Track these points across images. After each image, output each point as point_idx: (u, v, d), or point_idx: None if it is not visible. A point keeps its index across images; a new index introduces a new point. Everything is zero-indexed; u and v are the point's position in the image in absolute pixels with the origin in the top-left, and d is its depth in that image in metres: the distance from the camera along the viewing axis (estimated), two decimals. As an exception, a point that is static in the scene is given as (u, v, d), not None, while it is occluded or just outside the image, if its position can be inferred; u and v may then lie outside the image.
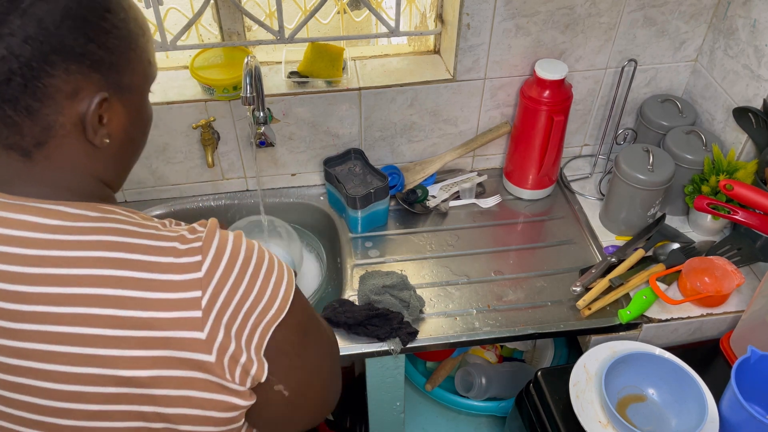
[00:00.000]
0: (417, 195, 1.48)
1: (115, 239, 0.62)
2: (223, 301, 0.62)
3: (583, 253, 1.41)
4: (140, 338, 0.60)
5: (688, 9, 1.39)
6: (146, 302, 0.60)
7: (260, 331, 0.65)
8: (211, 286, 0.62)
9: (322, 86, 1.40)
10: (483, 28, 1.35)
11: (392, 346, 1.20)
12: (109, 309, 0.60)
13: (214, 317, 0.62)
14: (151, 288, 0.61)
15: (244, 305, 0.64)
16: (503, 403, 1.56)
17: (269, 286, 0.66)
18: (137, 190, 1.50)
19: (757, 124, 1.30)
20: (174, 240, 0.64)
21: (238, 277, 0.64)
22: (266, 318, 0.66)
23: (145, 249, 0.62)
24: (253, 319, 0.65)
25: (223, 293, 0.63)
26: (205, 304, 0.61)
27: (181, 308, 0.61)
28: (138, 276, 0.61)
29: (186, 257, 0.62)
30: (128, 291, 0.60)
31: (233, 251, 0.65)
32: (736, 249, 1.34)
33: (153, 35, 1.32)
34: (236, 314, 0.63)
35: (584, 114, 1.56)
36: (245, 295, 0.64)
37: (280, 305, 0.67)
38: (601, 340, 1.26)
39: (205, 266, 0.62)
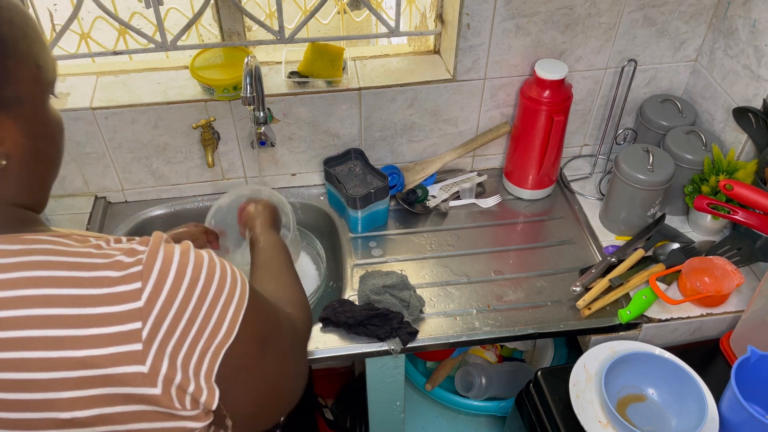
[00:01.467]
0: (417, 195, 1.48)
1: (41, 274, 0.57)
2: (166, 330, 0.58)
3: (583, 253, 1.41)
4: (78, 378, 0.56)
5: (688, 9, 1.39)
6: (80, 340, 0.55)
7: (209, 357, 0.61)
8: (152, 316, 0.57)
9: (322, 86, 1.40)
10: (483, 28, 1.35)
11: (392, 346, 1.20)
12: (39, 351, 0.55)
13: (157, 348, 0.57)
14: (85, 324, 0.56)
15: (190, 332, 0.59)
16: (503, 403, 1.56)
17: (217, 307, 0.62)
18: (137, 190, 1.50)
19: (756, 124, 1.30)
20: (109, 268, 0.58)
21: (182, 303, 0.59)
22: (215, 342, 0.61)
23: (76, 282, 0.57)
24: (200, 346, 0.60)
25: (166, 322, 0.58)
26: (146, 335, 0.57)
27: (119, 342, 0.56)
28: (68, 313, 0.56)
29: (123, 285, 0.57)
30: (58, 330, 0.55)
31: (178, 273, 0.59)
32: (736, 249, 1.34)
33: (154, 34, 1.33)
34: (181, 343, 0.59)
35: (584, 114, 1.56)
36: (191, 321, 0.60)
37: (228, 327, 0.63)
38: (601, 340, 1.26)
39: (146, 294, 0.57)
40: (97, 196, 1.50)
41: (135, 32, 1.29)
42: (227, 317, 0.63)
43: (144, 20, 1.40)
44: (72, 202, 1.48)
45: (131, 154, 1.43)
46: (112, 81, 1.42)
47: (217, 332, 0.62)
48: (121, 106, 1.35)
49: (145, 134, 1.40)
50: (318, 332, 1.24)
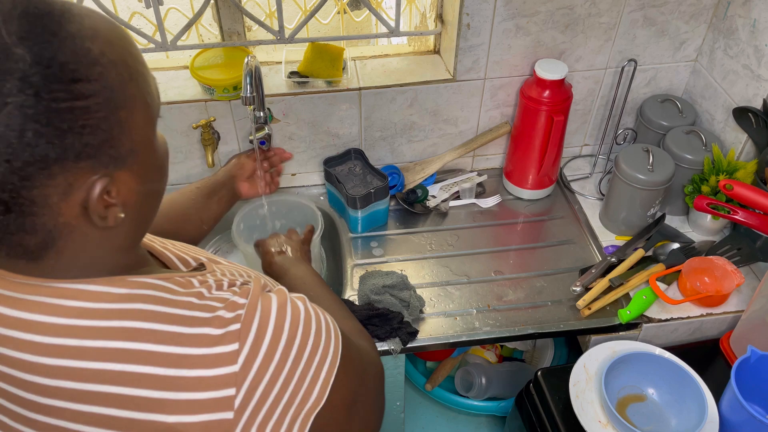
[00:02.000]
0: (417, 195, 1.48)
1: (142, 326, 0.53)
2: (259, 398, 0.55)
3: (583, 253, 1.41)
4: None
5: (688, 9, 1.39)
6: (172, 404, 0.53)
7: (299, 423, 0.58)
8: (246, 382, 0.54)
9: (322, 86, 1.40)
10: (483, 28, 1.35)
11: (392, 346, 1.20)
12: (129, 411, 0.52)
13: (248, 417, 0.55)
14: (179, 387, 0.53)
15: (283, 398, 0.57)
16: (503, 403, 1.56)
17: (311, 367, 0.59)
18: (137, 190, 1.50)
19: (756, 124, 1.30)
20: (209, 324, 0.55)
21: (278, 366, 0.56)
22: (306, 407, 0.59)
23: (176, 339, 0.54)
24: (291, 413, 0.58)
25: (260, 389, 0.55)
26: (239, 403, 0.54)
27: (211, 410, 0.53)
28: (164, 374, 0.53)
29: (221, 346, 0.54)
30: (151, 391, 0.52)
31: (275, 332, 0.57)
32: (735, 249, 1.34)
33: (154, 34, 1.33)
34: (273, 410, 0.56)
35: (584, 114, 1.56)
36: (284, 386, 0.57)
37: (320, 390, 0.60)
38: (601, 340, 1.26)
39: (242, 357, 0.54)
40: (97, 196, 1.49)
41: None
42: (320, 379, 0.60)
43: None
44: (72, 202, 1.47)
45: (131, 154, 1.43)
46: (112, 81, 1.42)
47: (309, 396, 0.59)
48: (121, 106, 1.35)
49: (145, 134, 1.40)
50: (318, 332, 1.23)
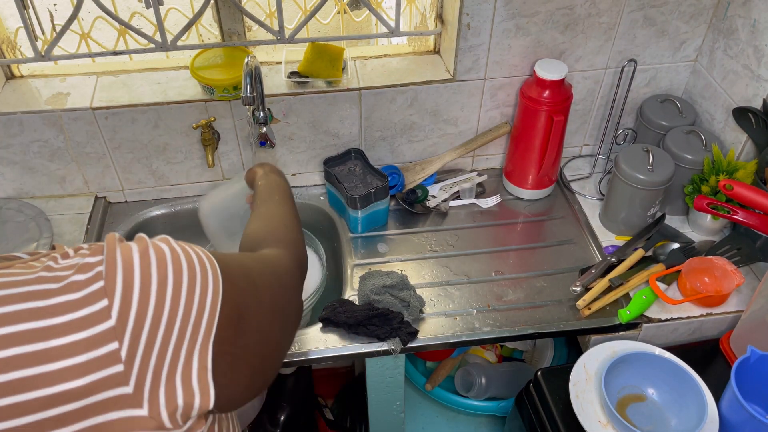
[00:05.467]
0: (417, 195, 1.48)
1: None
2: (146, 342, 0.54)
3: (583, 253, 1.41)
4: (56, 417, 0.51)
5: (688, 9, 1.39)
6: (51, 376, 0.51)
7: (197, 356, 0.58)
8: (128, 332, 0.53)
9: (322, 86, 1.40)
10: (483, 28, 1.35)
11: (392, 346, 1.20)
12: (7, 398, 0.50)
13: (140, 364, 0.54)
14: (54, 358, 0.51)
15: (171, 337, 0.56)
16: (503, 403, 1.56)
17: (194, 301, 0.58)
18: (137, 190, 1.51)
19: (756, 124, 1.30)
20: (65, 291, 0.53)
21: (157, 308, 0.55)
22: (198, 338, 0.58)
23: (33, 314, 0.51)
24: (185, 348, 0.57)
25: (144, 334, 0.54)
26: (126, 354, 0.53)
27: (97, 369, 0.52)
28: (32, 350, 0.51)
29: (87, 308, 0.52)
30: (25, 371, 0.50)
31: (143, 277, 0.55)
32: (735, 249, 1.34)
33: (154, 34, 1.33)
34: (164, 351, 0.55)
35: (584, 114, 1.56)
36: (170, 326, 0.56)
37: (208, 319, 0.59)
38: (600, 340, 1.26)
39: (115, 310, 0.53)
40: (97, 196, 1.50)
41: (135, 32, 1.29)
42: (206, 309, 0.59)
43: (144, 20, 1.40)
44: (72, 202, 1.48)
45: (131, 154, 1.43)
46: (112, 81, 1.42)
47: (198, 328, 0.58)
48: (121, 106, 1.35)
49: (145, 134, 1.40)
50: (318, 332, 1.24)
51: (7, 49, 1.37)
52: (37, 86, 1.40)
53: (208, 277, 0.60)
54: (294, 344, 1.22)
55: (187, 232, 1.53)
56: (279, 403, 1.60)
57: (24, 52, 1.42)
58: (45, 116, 1.34)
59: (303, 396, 1.64)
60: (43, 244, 1.36)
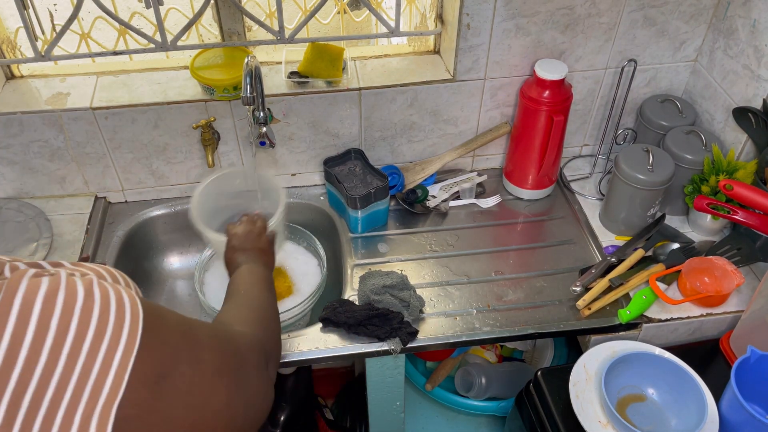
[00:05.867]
0: (417, 195, 1.48)
1: None
2: (29, 405, 0.48)
3: (583, 253, 1.41)
4: None
5: (688, 9, 1.39)
6: None
7: (96, 419, 0.51)
8: (7, 392, 0.48)
9: (322, 86, 1.40)
10: (483, 28, 1.35)
11: (392, 346, 1.20)
12: None
13: (19, 430, 0.48)
14: None
15: (63, 401, 0.50)
16: (503, 403, 1.56)
17: (98, 357, 0.51)
18: (137, 190, 1.51)
19: (756, 124, 1.30)
20: None
21: (47, 365, 0.49)
22: (100, 400, 0.51)
23: None
24: (81, 411, 0.51)
25: (27, 395, 0.48)
26: (3, 419, 0.48)
27: None
28: None
29: None
30: None
31: (38, 329, 0.49)
32: (735, 249, 1.34)
33: (154, 35, 1.33)
34: (52, 415, 0.49)
35: (584, 114, 1.56)
36: (62, 385, 0.50)
37: (116, 378, 0.52)
38: (600, 340, 1.26)
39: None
40: (97, 196, 1.50)
41: (135, 32, 1.29)
42: (111, 369, 0.52)
43: (144, 20, 1.40)
44: (72, 202, 1.48)
45: (131, 154, 1.43)
46: (112, 81, 1.42)
47: (100, 390, 0.51)
48: (121, 106, 1.35)
49: (145, 134, 1.40)
50: (318, 332, 1.24)
51: (7, 49, 1.37)
52: (37, 86, 1.40)
53: (122, 330, 0.53)
54: (294, 344, 1.22)
55: (187, 232, 1.53)
56: (279, 403, 1.60)
57: (24, 52, 1.42)
58: (45, 116, 1.34)
59: (303, 396, 1.64)
60: (43, 244, 1.36)
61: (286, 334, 1.23)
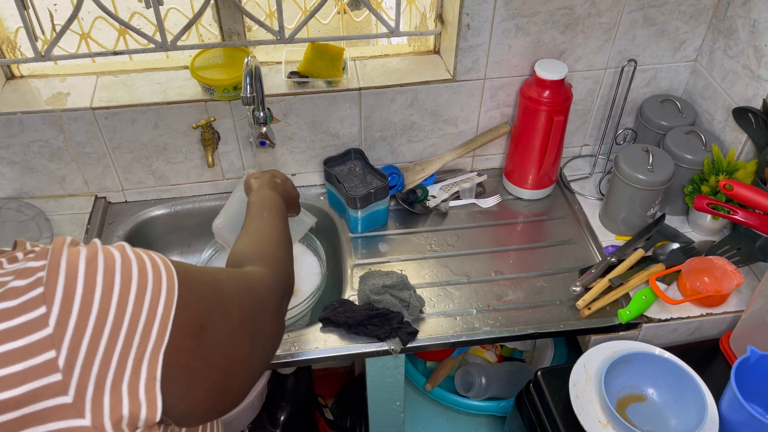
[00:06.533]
0: (417, 195, 1.48)
1: None
2: (86, 351, 0.52)
3: (582, 253, 1.41)
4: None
5: (688, 9, 1.39)
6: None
7: (146, 365, 0.56)
8: (66, 340, 0.52)
9: (322, 86, 1.40)
10: (483, 28, 1.35)
11: (392, 346, 1.20)
12: None
13: (80, 373, 0.52)
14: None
15: (116, 346, 0.54)
16: (503, 402, 1.56)
17: (143, 309, 0.56)
18: (137, 190, 1.51)
19: (756, 124, 1.30)
20: (4, 299, 0.52)
21: (99, 316, 0.53)
22: (148, 348, 0.56)
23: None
24: (132, 357, 0.55)
25: (84, 342, 0.52)
26: (64, 363, 0.51)
27: (34, 378, 0.51)
28: None
29: (24, 315, 0.51)
30: None
31: (87, 285, 0.53)
32: (735, 249, 1.34)
33: (154, 34, 1.33)
34: (108, 360, 0.54)
35: (584, 114, 1.56)
36: (114, 334, 0.54)
37: (160, 327, 0.57)
38: (600, 339, 1.26)
39: (53, 318, 0.51)
40: (97, 196, 1.50)
41: (135, 32, 1.29)
42: (156, 317, 0.57)
43: (144, 20, 1.40)
44: (72, 202, 1.48)
45: (131, 154, 1.43)
46: (112, 81, 1.42)
47: (148, 337, 0.56)
48: (121, 106, 1.35)
49: (145, 134, 1.40)
50: (318, 332, 1.24)
51: (7, 49, 1.37)
52: (37, 86, 1.40)
53: (161, 285, 0.58)
54: (294, 344, 1.22)
55: (187, 232, 1.53)
56: (279, 403, 1.60)
57: (24, 52, 1.42)
58: (45, 116, 1.34)
59: (303, 396, 1.64)
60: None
61: (287, 335, 1.23)
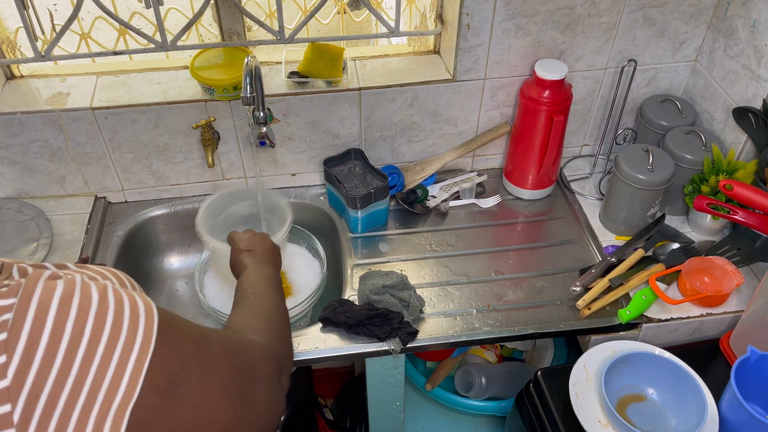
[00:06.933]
0: (417, 195, 1.48)
1: None
2: (44, 406, 0.49)
3: (582, 253, 1.41)
4: None
5: (688, 9, 1.39)
6: None
7: (111, 421, 0.52)
8: (23, 394, 0.48)
9: (322, 86, 1.40)
10: (483, 28, 1.35)
11: (392, 346, 1.20)
12: None
13: (36, 429, 0.49)
14: None
15: (78, 401, 0.50)
16: (503, 403, 1.56)
17: (112, 361, 0.52)
18: (137, 190, 1.51)
19: (756, 124, 1.30)
20: None
21: (62, 368, 0.49)
22: (114, 403, 0.52)
23: None
24: (95, 413, 0.51)
25: (42, 397, 0.49)
26: (19, 418, 0.48)
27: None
28: None
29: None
30: None
31: (54, 331, 0.50)
32: (735, 249, 1.34)
33: (154, 34, 1.33)
34: (68, 415, 0.50)
35: (584, 114, 1.56)
36: (77, 388, 0.50)
37: (130, 381, 0.53)
38: (600, 339, 1.26)
39: (12, 369, 0.48)
40: (97, 196, 1.50)
41: (135, 32, 1.29)
42: (126, 372, 0.52)
43: (144, 20, 1.40)
44: (72, 202, 1.48)
45: (131, 154, 1.43)
46: (112, 81, 1.42)
47: (115, 391, 0.52)
48: (121, 106, 1.35)
49: (145, 134, 1.40)
50: (318, 332, 1.24)
51: (7, 49, 1.37)
52: (37, 86, 1.40)
53: (136, 336, 0.54)
54: (294, 344, 1.22)
55: (186, 232, 1.53)
56: (279, 403, 1.60)
57: (24, 52, 1.42)
58: (45, 116, 1.34)
59: (303, 396, 1.64)
60: (43, 244, 1.36)
61: (286, 334, 1.23)
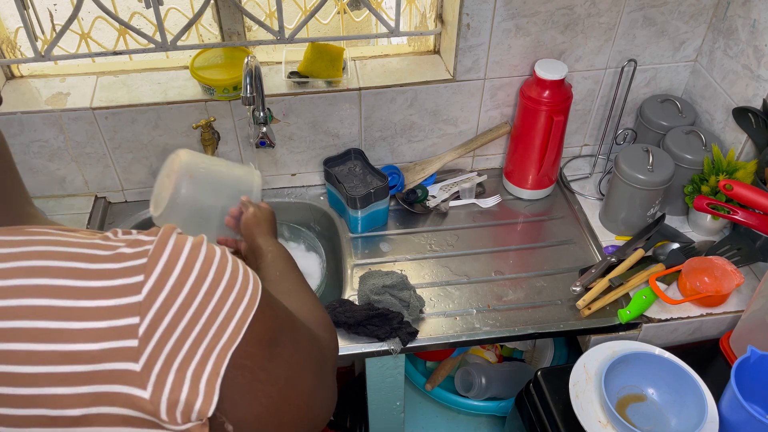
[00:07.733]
0: (417, 195, 1.48)
1: (38, 264, 0.54)
2: (166, 327, 0.55)
3: (582, 253, 1.41)
4: (65, 374, 0.53)
5: (688, 9, 1.39)
6: (70, 333, 0.53)
7: (213, 359, 0.58)
8: (152, 311, 0.54)
9: (322, 86, 1.40)
10: (483, 28, 1.35)
11: (392, 346, 1.20)
12: (26, 343, 0.52)
13: (154, 346, 0.54)
14: (78, 317, 0.53)
15: (193, 331, 0.56)
16: (503, 402, 1.56)
17: (225, 305, 0.59)
18: (137, 190, 1.50)
19: (756, 124, 1.30)
20: (110, 260, 0.55)
21: (187, 298, 0.56)
22: (220, 343, 0.58)
23: (74, 273, 0.54)
24: (204, 347, 0.57)
25: (167, 318, 0.55)
26: (143, 331, 0.54)
27: (113, 338, 0.53)
28: (61, 305, 0.53)
29: (122, 278, 0.54)
30: (48, 322, 0.52)
31: (185, 267, 0.57)
32: (735, 249, 1.34)
33: (154, 34, 1.33)
34: (182, 341, 0.56)
35: (584, 114, 1.56)
36: (194, 319, 0.56)
37: (236, 327, 0.59)
38: (600, 339, 1.26)
39: (147, 288, 0.54)
40: (97, 196, 1.50)
41: (135, 32, 1.29)
42: (235, 316, 0.59)
43: (144, 20, 1.40)
44: (72, 202, 1.48)
45: (131, 154, 1.43)
46: (112, 81, 1.42)
47: (223, 332, 0.58)
48: (121, 106, 1.35)
49: (145, 134, 1.40)
50: (318, 332, 1.23)
51: (7, 49, 1.37)
52: (37, 86, 1.40)
53: (246, 290, 0.61)
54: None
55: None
56: (279, 403, 1.60)
57: (24, 52, 1.42)
58: (45, 116, 1.34)
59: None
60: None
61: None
